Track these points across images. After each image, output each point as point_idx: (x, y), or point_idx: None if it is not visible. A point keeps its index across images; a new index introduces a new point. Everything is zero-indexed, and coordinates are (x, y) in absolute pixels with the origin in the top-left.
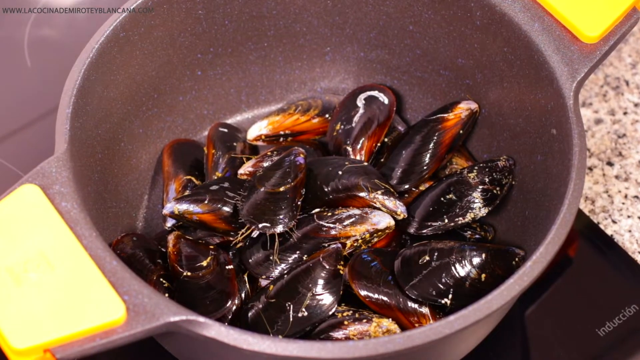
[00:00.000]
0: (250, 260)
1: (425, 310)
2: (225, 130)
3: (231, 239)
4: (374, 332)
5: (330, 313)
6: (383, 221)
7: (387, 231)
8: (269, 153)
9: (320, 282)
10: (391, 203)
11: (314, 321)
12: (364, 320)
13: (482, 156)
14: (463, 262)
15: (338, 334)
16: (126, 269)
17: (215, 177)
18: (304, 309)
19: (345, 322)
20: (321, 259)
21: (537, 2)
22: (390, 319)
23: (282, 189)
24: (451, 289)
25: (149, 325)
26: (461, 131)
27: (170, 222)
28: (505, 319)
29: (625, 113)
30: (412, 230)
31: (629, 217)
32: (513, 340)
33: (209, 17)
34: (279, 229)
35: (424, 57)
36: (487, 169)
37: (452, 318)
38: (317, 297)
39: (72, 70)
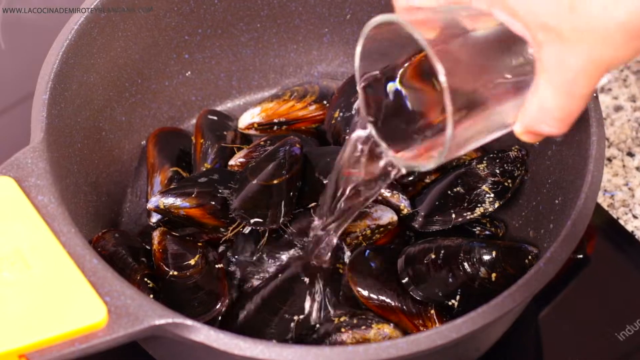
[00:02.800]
0: (241, 259)
1: (431, 312)
2: (215, 118)
3: (221, 235)
4: (374, 339)
5: (328, 315)
6: (385, 216)
7: (389, 227)
8: (262, 143)
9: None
10: (394, 197)
11: (310, 324)
12: (363, 327)
13: (493, 146)
14: (472, 260)
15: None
16: (107, 268)
17: (204, 169)
18: (299, 311)
19: (343, 330)
20: None
21: None
22: (391, 325)
23: (275, 181)
24: (459, 290)
25: (132, 329)
26: None
27: (155, 218)
28: (517, 322)
29: None
30: (417, 226)
31: None
32: (526, 345)
33: None
34: (273, 224)
35: None
36: (497, 160)
37: (459, 321)
38: (314, 298)
39: (50, 53)
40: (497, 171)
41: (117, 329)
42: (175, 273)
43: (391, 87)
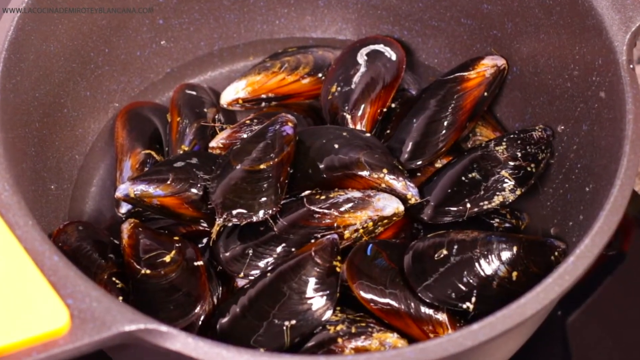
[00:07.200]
0: (224, 255)
1: (442, 317)
2: (194, 92)
3: (201, 228)
4: (375, 351)
5: (324, 319)
6: (389, 206)
7: (394, 218)
8: (248, 121)
9: (312, 281)
10: (400, 184)
11: (303, 331)
12: (363, 337)
13: (514, 125)
14: (489, 257)
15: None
16: (70, 266)
17: (181, 152)
18: (290, 316)
19: (340, 340)
20: (313, 254)
21: None
22: (395, 334)
23: (263, 166)
24: (475, 291)
25: (99, 336)
26: (486, 93)
27: (124, 208)
28: (542, 327)
29: None
30: (426, 218)
31: None
32: (552, 354)
33: None
34: (259, 215)
35: (440, 2)
36: (519, 141)
37: (475, 327)
38: (308, 300)
39: (3, 18)
40: (519, 154)
41: (80, 335)
42: (148, 272)
43: None
